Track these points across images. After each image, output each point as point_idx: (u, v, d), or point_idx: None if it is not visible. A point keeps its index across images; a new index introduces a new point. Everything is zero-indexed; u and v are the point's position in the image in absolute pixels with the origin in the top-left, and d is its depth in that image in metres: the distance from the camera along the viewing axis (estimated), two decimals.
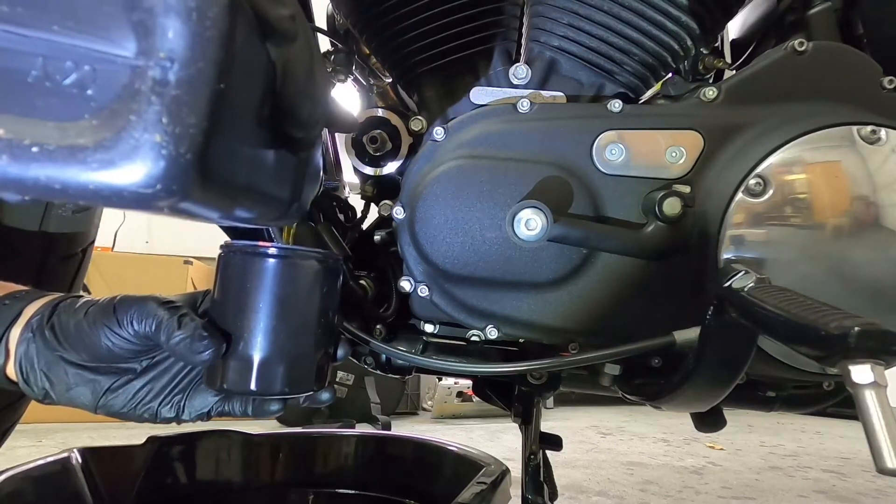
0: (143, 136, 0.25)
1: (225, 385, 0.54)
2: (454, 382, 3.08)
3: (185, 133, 0.26)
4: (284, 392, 0.54)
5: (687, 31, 0.70)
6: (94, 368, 0.55)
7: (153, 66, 0.25)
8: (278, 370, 0.53)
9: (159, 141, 0.25)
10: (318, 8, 0.92)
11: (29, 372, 0.55)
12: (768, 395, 0.76)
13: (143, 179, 0.25)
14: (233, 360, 0.53)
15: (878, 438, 0.38)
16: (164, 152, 0.25)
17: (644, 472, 2.14)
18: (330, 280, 0.56)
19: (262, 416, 0.60)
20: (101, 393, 0.56)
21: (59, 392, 0.55)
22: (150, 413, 0.58)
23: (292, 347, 0.54)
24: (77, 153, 0.25)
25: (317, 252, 0.56)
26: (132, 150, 0.25)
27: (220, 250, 0.55)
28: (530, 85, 0.70)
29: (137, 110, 0.25)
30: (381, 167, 0.78)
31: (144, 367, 0.57)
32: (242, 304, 0.53)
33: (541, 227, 0.61)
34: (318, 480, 1.00)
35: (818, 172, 0.60)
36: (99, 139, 0.25)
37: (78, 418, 2.69)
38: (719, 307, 0.54)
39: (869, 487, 2.02)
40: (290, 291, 0.53)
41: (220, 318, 0.54)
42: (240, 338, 0.53)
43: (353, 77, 0.92)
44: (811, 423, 3.27)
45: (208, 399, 0.59)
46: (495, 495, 0.77)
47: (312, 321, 0.55)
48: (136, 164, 0.25)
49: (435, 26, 0.70)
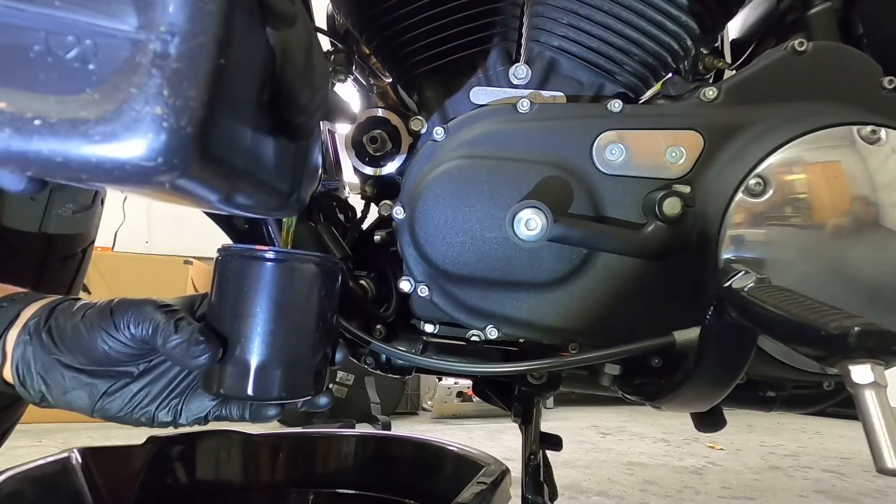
0: (145, 109, 0.25)
1: (222, 390, 0.53)
2: (454, 382, 3.08)
3: (186, 106, 0.26)
4: (282, 397, 0.54)
5: (687, 31, 0.70)
6: (91, 372, 0.55)
7: (154, 39, 0.25)
8: (276, 375, 0.53)
9: (160, 113, 0.25)
10: (318, 8, 0.92)
11: (26, 375, 0.54)
12: (768, 395, 0.76)
13: (145, 152, 0.26)
14: (230, 364, 0.52)
15: (878, 438, 0.38)
16: (165, 125, 0.26)
17: (644, 472, 2.14)
18: (328, 284, 0.56)
19: (260, 421, 0.60)
20: (97, 396, 0.55)
21: (56, 395, 0.55)
22: (147, 417, 0.57)
23: (290, 352, 0.53)
24: (79, 126, 0.25)
25: (315, 255, 0.55)
26: (134, 123, 0.25)
27: (218, 254, 0.55)
28: (530, 85, 0.70)
29: (138, 83, 0.25)
30: (381, 167, 0.78)
31: (141, 370, 0.57)
32: (239, 308, 0.52)
33: (541, 227, 0.61)
34: (318, 480, 1.00)
35: (818, 172, 0.60)
36: (101, 112, 0.25)
37: (78, 418, 2.69)
38: (719, 307, 0.54)
39: (869, 487, 2.02)
40: (287, 295, 0.53)
41: (216, 323, 0.53)
42: (237, 342, 0.52)
43: (353, 77, 0.92)
44: (811, 423, 3.27)
45: (205, 403, 0.59)
46: (495, 495, 0.76)
47: (310, 325, 0.54)
48: (138, 136, 0.25)
49: (435, 26, 0.70)
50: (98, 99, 0.25)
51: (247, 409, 0.60)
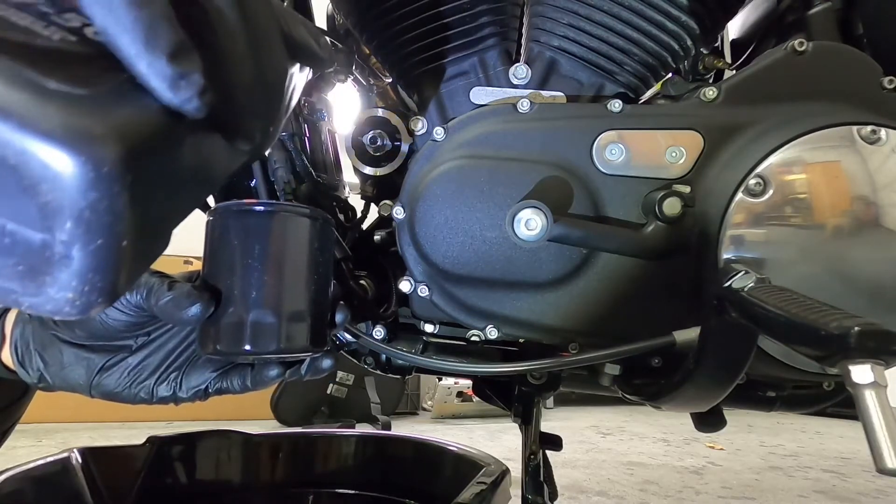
0: (59, 294, 0.30)
1: (219, 346, 0.52)
2: (454, 382, 3.08)
3: (94, 289, 0.31)
4: (280, 350, 0.52)
5: (687, 31, 0.70)
6: (90, 347, 0.55)
7: (57, 244, 0.29)
8: (272, 327, 0.51)
9: (72, 298, 0.30)
10: (318, 8, 0.92)
11: (24, 354, 0.54)
12: (768, 395, 0.76)
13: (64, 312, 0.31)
14: (224, 319, 0.51)
15: (878, 438, 0.38)
16: (78, 303, 0.30)
17: (644, 472, 2.14)
18: (320, 236, 0.55)
19: (262, 386, 0.58)
20: (95, 371, 0.55)
21: (54, 373, 0.54)
22: (146, 391, 0.56)
23: (285, 303, 0.52)
24: (10, 293, 0.30)
25: (303, 207, 0.54)
26: (51, 301, 0.30)
27: (207, 216, 0.54)
28: (530, 85, 0.70)
29: (51, 274, 0.29)
30: (381, 167, 0.78)
31: (140, 344, 0.57)
32: (230, 261, 0.52)
33: (541, 227, 0.61)
34: (318, 480, 1.00)
35: (818, 172, 0.60)
36: (27, 288, 0.30)
37: (78, 418, 2.70)
38: (719, 307, 0.54)
39: (869, 487, 2.02)
40: (277, 246, 0.52)
41: (212, 280, 0.52)
42: (230, 297, 0.51)
43: (353, 77, 0.92)
44: (811, 423, 3.27)
45: (205, 374, 0.58)
46: (495, 495, 0.76)
47: (303, 276, 0.53)
48: (57, 309, 0.30)
49: (435, 26, 0.70)
50: (22, 272, 0.30)
51: (248, 377, 0.58)
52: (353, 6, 0.75)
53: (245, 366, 0.59)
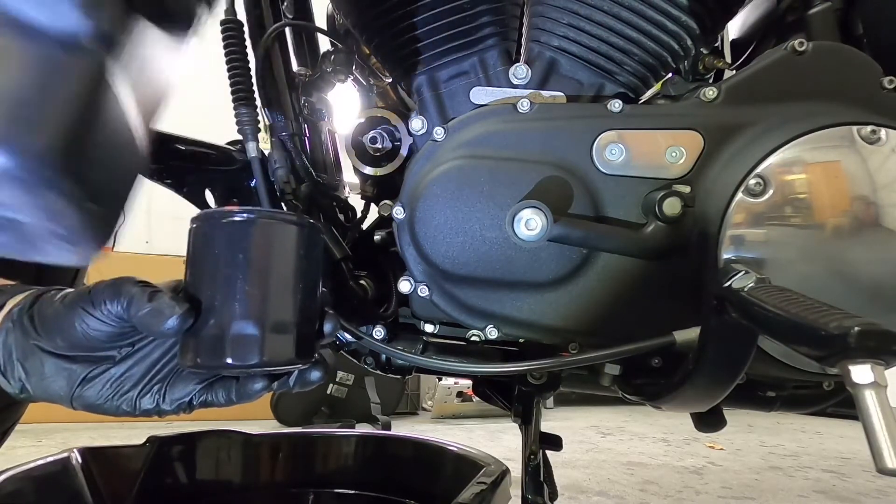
0: None
1: (199, 359, 0.50)
2: (454, 382, 3.08)
3: None
4: (263, 363, 0.50)
5: (687, 31, 0.70)
6: (72, 358, 0.53)
7: None
8: (254, 339, 0.49)
9: None
10: (318, 8, 0.92)
11: (6, 363, 0.53)
12: (768, 395, 0.76)
13: None
14: (204, 331, 0.50)
15: (878, 438, 0.38)
16: None
17: (644, 472, 2.14)
18: (307, 243, 0.53)
19: (247, 400, 0.56)
20: (76, 382, 0.53)
21: (35, 383, 0.53)
22: (129, 403, 0.55)
23: (268, 314, 0.50)
24: None
25: (288, 213, 0.53)
26: None
27: (190, 223, 0.53)
28: (530, 85, 0.70)
29: None
30: (381, 167, 0.78)
31: (123, 355, 0.55)
32: (212, 271, 0.50)
33: (541, 227, 0.61)
34: (319, 480, 1.00)
35: (818, 172, 0.60)
36: None
37: (78, 418, 2.69)
38: (719, 307, 0.54)
39: (869, 487, 2.02)
40: (260, 255, 0.50)
41: (193, 291, 0.51)
42: (211, 307, 0.49)
43: (353, 77, 0.92)
44: (811, 423, 3.27)
45: (190, 387, 0.56)
46: (495, 495, 0.76)
47: (288, 285, 0.51)
48: None
49: (435, 26, 0.70)
50: None
51: (233, 390, 0.56)
52: (353, 6, 0.75)
53: (230, 378, 0.57)
